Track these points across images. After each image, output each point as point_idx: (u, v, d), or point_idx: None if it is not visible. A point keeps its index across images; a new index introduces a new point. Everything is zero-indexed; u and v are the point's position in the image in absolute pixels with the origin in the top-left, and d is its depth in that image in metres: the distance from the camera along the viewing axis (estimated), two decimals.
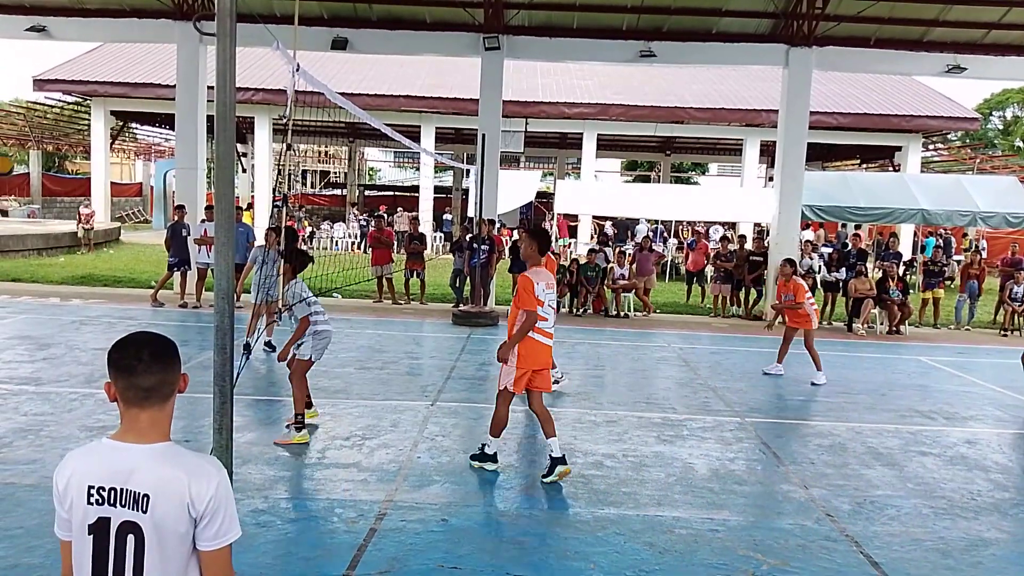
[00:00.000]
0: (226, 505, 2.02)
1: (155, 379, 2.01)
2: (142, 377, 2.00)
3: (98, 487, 1.97)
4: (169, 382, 2.05)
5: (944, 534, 5.24)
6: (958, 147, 34.02)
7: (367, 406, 7.74)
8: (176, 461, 2.01)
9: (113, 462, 1.99)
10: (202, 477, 1.99)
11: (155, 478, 1.96)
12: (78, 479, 1.99)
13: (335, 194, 44.02)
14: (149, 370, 2.01)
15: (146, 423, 2.03)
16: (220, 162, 3.69)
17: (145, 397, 2.01)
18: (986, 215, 16.20)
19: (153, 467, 1.98)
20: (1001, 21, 14.89)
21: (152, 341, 2.07)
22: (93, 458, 2.02)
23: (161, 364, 2.03)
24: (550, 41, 15.28)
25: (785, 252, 15.16)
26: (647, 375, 10.03)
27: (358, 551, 4.53)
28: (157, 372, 2.01)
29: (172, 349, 2.08)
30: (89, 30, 16.08)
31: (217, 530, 2.01)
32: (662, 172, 40.30)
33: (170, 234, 13.65)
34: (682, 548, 4.80)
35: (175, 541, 1.98)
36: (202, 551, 2.02)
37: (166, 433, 2.06)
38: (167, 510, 1.95)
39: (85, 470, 2.00)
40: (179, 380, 2.09)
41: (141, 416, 2.02)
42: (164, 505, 1.95)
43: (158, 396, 2.03)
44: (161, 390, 2.03)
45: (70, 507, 2.00)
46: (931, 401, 9.17)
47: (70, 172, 40.24)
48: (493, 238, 14.48)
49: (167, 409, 2.07)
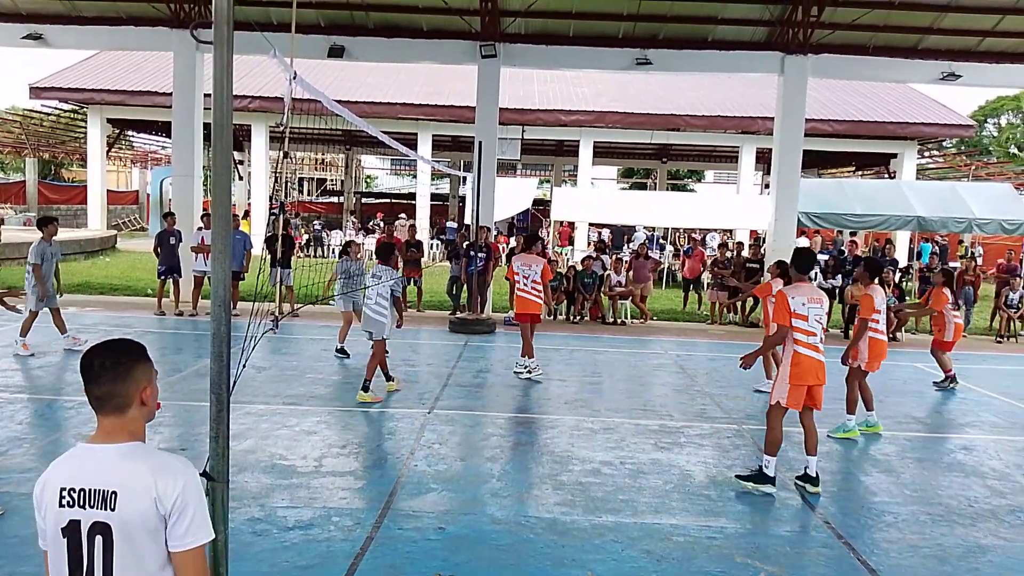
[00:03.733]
0: (195, 504, 2.01)
1: (103, 389, 2.02)
2: (92, 385, 2.03)
3: (68, 488, 1.98)
4: (120, 394, 2.02)
5: (941, 541, 5.24)
6: (953, 154, 34.11)
7: (364, 414, 7.73)
8: (142, 458, 2.01)
9: (83, 463, 2.00)
10: (168, 473, 1.99)
11: (121, 475, 1.97)
12: (51, 484, 2.01)
13: (332, 201, 44.01)
14: (98, 379, 2.02)
15: (110, 428, 2.03)
16: (217, 170, 3.68)
17: (98, 405, 2.03)
18: (982, 222, 16.25)
19: (119, 464, 1.98)
20: (995, 29, 14.97)
21: (107, 351, 2.06)
22: (66, 462, 2.04)
23: (111, 375, 2.02)
24: (547, 49, 15.32)
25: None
26: (644, 382, 10.03)
27: (355, 559, 4.52)
28: (106, 383, 2.01)
29: (127, 362, 2.05)
30: (86, 38, 16.09)
31: (186, 529, 1.99)
32: (658, 179, 40.36)
33: (158, 242, 13.50)
34: (680, 555, 4.79)
35: (145, 540, 1.97)
36: (173, 552, 2.00)
37: (137, 435, 2.06)
38: (134, 507, 1.95)
39: (57, 474, 2.02)
40: (136, 393, 2.05)
41: (103, 422, 2.04)
42: (131, 502, 1.95)
43: (111, 406, 2.02)
44: (112, 400, 2.02)
45: (45, 513, 2.01)
46: (927, 408, 9.18)
47: (66, 180, 40.16)
48: (490, 245, 14.48)
49: (127, 417, 2.04)
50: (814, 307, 5.89)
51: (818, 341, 5.91)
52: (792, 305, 5.83)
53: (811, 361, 5.85)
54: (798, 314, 5.83)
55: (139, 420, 2.08)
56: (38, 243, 9.74)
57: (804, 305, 5.86)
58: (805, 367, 5.83)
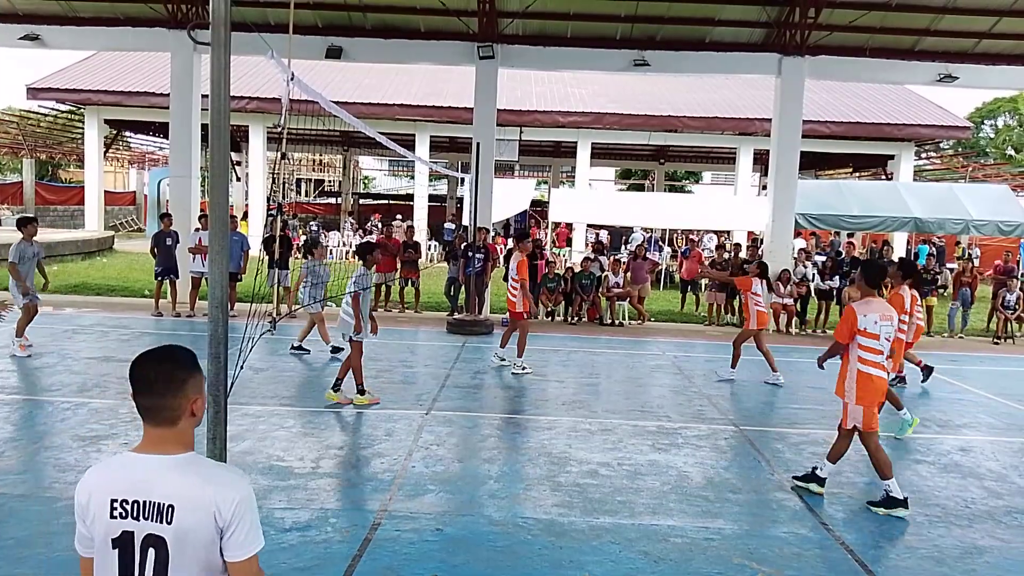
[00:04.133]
0: (251, 515, 2.01)
1: (153, 402, 1.99)
2: (143, 397, 1.99)
3: (120, 500, 1.94)
4: (170, 407, 1.99)
5: (938, 542, 5.24)
6: (950, 155, 34.19)
7: (361, 415, 7.73)
8: (199, 471, 1.99)
9: (135, 474, 1.96)
10: (226, 485, 1.98)
11: (178, 488, 1.94)
12: (100, 493, 1.96)
13: (330, 202, 44.00)
14: (149, 392, 1.99)
15: (159, 438, 2.00)
16: (214, 171, 3.68)
17: (147, 416, 2.00)
18: (979, 223, 16.27)
19: (175, 477, 1.95)
20: (992, 31, 15.01)
21: (160, 364, 2.02)
22: (114, 471, 1.99)
23: (162, 389, 1.99)
24: (544, 50, 15.33)
25: (779, 260, 15.21)
26: (642, 383, 10.03)
27: (352, 561, 4.52)
28: (157, 396, 1.99)
29: (181, 376, 2.02)
30: (83, 38, 16.08)
31: (243, 539, 1.99)
32: (656, 181, 40.40)
33: (154, 243, 13.49)
34: (677, 557, 4.79)
35: (199, 552, 1.95)
36: (230, 563, 2.00)
37: (188, 445, 2.03)
38: (192, 520, 1.93)
39: (107, 484, 1.97)
40: (187, 405, 2.02)
41: (153, 432, 2.00)
42: (189, 515, 1.93)
43: (159, 418, 1.99)
44: (162, 414, 1.99)
45: (92, 522, 1.98)
46: (924, 409, 9.19)
47: (64, 181, 40.10)
48: (488, 247, 14.48)
49: (177, 429, 2.01)
50: (885, 325, 5.68)
51: (884, 359, 5.73)
52: (863, 323, 5.62)
53: (881, 381, 5.72)
54: (869, 332, 5.62)
55: (189, 430, 2.05)
56: (18, 243, 9.80)
57: (876, 324, 5.64)
58: (877, 386, 5.68)
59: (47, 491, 5.28)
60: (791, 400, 9.38)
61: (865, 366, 5.66)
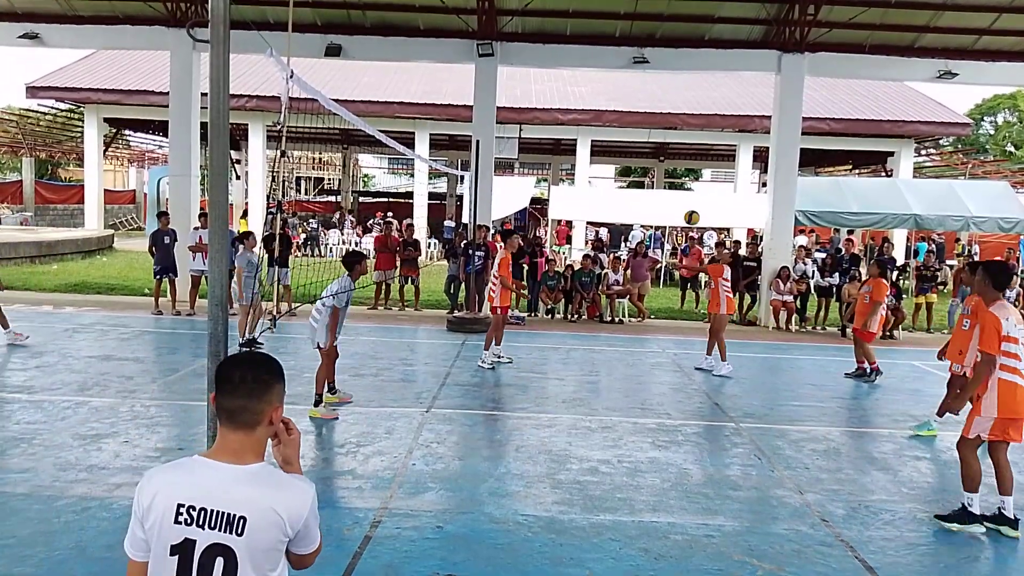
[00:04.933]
0: (315, 518, 2.05)
1: (237, 403, 1.99)
2: (228, 397, 1.99)
3: (188, 506, 1.92)
4: (253, 410, 2.00)
5: (939, 538, 5.25)
6: (950, 152, 34.16)
7: (361, 413, 7.73)
8: (273, 484, 1.99)
9: (206, 481, 1.94)
10: (298, 499, 1.99)
11: (252, 500, 1.93)
12: (165, 496, 1.93)
13: (329, 200, 43.99)
14: (235, 392, 1.99)
15: (235, 444, 1.99)
16: (214, 169, 3.68)
17: (228, 418, 1.99)
18: (978, 220, 16.27)
19: (249, 489, 1.94)
20: (991, 27, 14.98)
21: (250, 365, 2.04)
22: (183, 475, 1.97)
23: (249, 390, 1.99)
24: (544, 48, 15.32)
25: (779, 257, 15.22)
26: (642, 381, 10.04)
27: (353, 559, 4.52)
28: (243, 397, 1.99)
29: (268, 379, 2.03)
30: (82, 37, 16.06)
31: (309, 538, 2.05)
32: (656, 178, 40.37)
33: (152, 242, 13.53)
34: (677, 554, 4.80)
35: (265, 559, 1.95)
36: (296, 553, 2.06)
37: (260, 454, 2.04)
38: (263, 532, 1.93)
39: (174, 487, 1.95)
40: (269, 412, 2.03)
41: (229, 436, 2.00)
42: (260, 528, 1.92)
43: (241, 421, 1.99)
44: (243, 416, 1.99)
45: (152, 525, 1.94)
46: (925, 406, 9.18)
47: (63, 179, 40.09)
48: (488, 244, 14.49)
49: (256, 435, 2.02)
50: (1021, 329, 5.20)
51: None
52: (1006, 327, 5.11)
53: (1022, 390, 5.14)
54: (1010, 337, 5.11)
55: (265, 439, 2.05)
56: None
57: (1017, 327, 5.17)
58: (1022, 397, 5.12)
59: (48, 490, 5.28)
60: (791, 397, 9.38)
61: (1007, 373, 5.15)
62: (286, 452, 2.12)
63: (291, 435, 2.12)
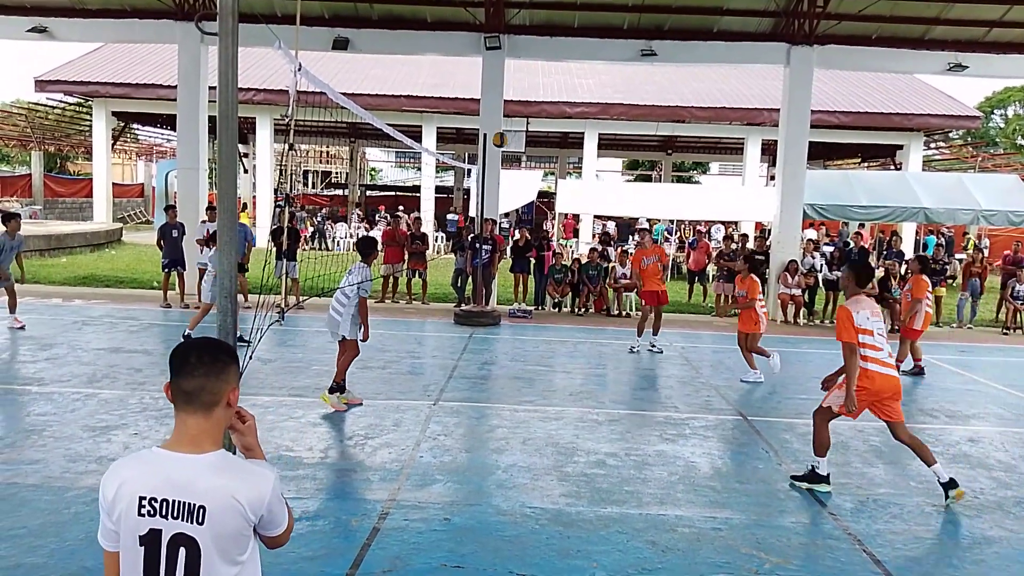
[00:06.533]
0: (278, 502, 2.06)
1: (196, 383, 2.00)
2: (184, 378, 2.00)
3: (150, 498, 1.94)
4: (211, 390, 2.01)
5: (947, 532, 5.24)
6: (959, 145, 33.98)
7: (369, 405, 7.75)
8: (231, 472, 2.00)
9: (165, 472, 1.96)
10: (257, 485, 2.00)
11: (210, 490, 1.94)
12: (128, 489, 1.95)
13: (337, 194, 44.03)
14: (192, 372, 2.00)
15: (194, 430, 2.00)
16: (222, 162, 3.69)
17: (186, 400, 2.00)
18: (988, 213, 16.19)
19: (208, 478, 1.95)
20: (1002, 19, 14.88)
21: (204, 347, 2.06)
22: (144, 467, 1.99)
23: (206, 370, 2.01)
24: (551, 40, 15.28)
25: (787, 251, 15.18)
26: (649, 374, 10.03)
27: (361, 550, 4.54)
28: (200, 377, 2.00)
29: (222, 358, 2.06)
30: (90, 31, 16.09)
31: (275, 522, 2.07)
32: (663, 171, 40.28)
33: (160, 235, 13.60)
34: (684, 547, 4.80)
35: (229, 546, 1.97)
36: (264, 535, 2.09)
37: (218, 441, 2.04)
38: (223, 521, 1.94)
39: (136, 480, 1.96)
40: (226, 392, 2.05)
41: (188, 422, 2.01)
42: (220, 516, 1.94)
43: (200, 402, 2.00)
44: (202, 396, 2.00)
45: (119, 518, 1.96)
46: (933, 399, 9.17)
47: (72, 173, 40.25)
48: (495, 238, 14.49)
49: (214, 417, 2.03)
50: (876, 320, 5.69)
51: (887, 356, 5.68)
52: (857, 320, 5.58)
53: (884, 378, 5.62)
54: (863, 329, 5.59)
55: (222, 424, 2.06)
56: None
57: (870, 319, 5.64)
58: (879, 384, 5.61)
59: (58, 481, 5.32)
60: (799, 391, 9.36)
61: (867, 363, 5.61)
62: (245, 440, 2.15)
63: (246, 423, 2.15)
